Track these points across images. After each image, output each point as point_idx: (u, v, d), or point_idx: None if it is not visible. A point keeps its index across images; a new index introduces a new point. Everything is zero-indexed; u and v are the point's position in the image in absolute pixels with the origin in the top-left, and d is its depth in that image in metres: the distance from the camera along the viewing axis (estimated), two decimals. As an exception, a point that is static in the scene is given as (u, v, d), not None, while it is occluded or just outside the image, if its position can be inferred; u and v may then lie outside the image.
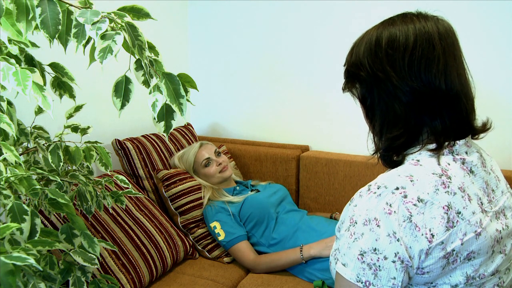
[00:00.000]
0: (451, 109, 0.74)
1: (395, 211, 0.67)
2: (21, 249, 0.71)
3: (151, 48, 0.86)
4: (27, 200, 0.87)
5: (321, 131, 2.03)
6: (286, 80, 2.07)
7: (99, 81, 1.59)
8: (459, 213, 0.69)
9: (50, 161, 0.93)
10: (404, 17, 0.77)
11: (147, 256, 1.43)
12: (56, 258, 0.87)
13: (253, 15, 2.09)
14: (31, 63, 0.92)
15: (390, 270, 0.67)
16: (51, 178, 0.87)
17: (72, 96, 1.00)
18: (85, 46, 0.82)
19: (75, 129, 1.06)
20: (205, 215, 1.68)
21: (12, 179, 0.77)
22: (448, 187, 0.70)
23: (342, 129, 1.98)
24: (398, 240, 0.67)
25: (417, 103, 0.74)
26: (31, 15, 0.74)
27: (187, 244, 1.64)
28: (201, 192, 1.72)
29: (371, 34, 0.78)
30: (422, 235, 0.66)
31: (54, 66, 0.96)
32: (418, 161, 0.74)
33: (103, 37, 0.75)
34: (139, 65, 0.82)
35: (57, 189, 0.86)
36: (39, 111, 1.00)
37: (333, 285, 1.42)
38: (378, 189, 0.70)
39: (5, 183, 0.77)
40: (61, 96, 0.99)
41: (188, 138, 2.03)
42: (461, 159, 0.75)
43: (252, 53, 2.14)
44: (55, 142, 0.97)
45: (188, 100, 0.82)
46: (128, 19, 0.79)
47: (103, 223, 1.39)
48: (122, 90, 0.82)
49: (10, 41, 0.78)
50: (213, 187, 1.75)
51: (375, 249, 0.67)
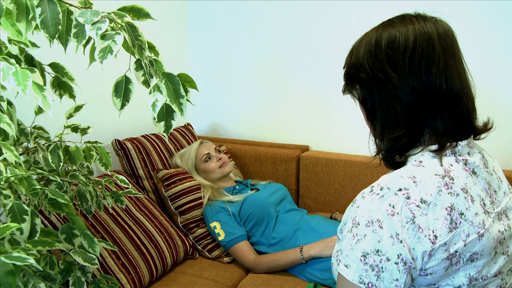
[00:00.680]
0: (452, 108, 0.74)
1: (398, 213, 0.67)
2: (21, 249, 0.71)
3: (151, 48, 0.86)
4: (27, 200, 0.87)
5: (321, 131, 2.03)
6: (286, 80, 2.07)
7: (99, 81, 1.59)
8: (462, 214, 0.68)
9: (50, 161, 0.93)
10: (403, 19, 0.77)
11: (147, 256, 1.43)
12: (56, 258, 0.87)
13: (253, 15, 2.09)
14: (31, 63, 0.92)
15: (393, 271, 0.67)
16: (51, 178, 0.87)
17: (72, 96, 1.00)
18: (85, 46, 0.82)
19: (75, 129, 1.06)
20: (205, 215, 1.68)
21: (12, 179, 0.77)
22: (451, 188, 0.69)
23: (342, 129, 1.98)
24: (401, 241, 0.66)
25: (418, 103, 0.74)
26: (31, 15, 0.74)
27: (187, 244, 1.63)
28: (201, 192, 1.72)
29: (370, 35, 0.78)
30: (425, 236, 0.66)
31: (54, 66, 0.96)
32: (420, 162, 0.74)
33: (103, 37, 0.75)
34: (139, 65, 0.81)
35: (57, 189, 0.86)
36: (39, 111, 1.00)
37: (333, 285, 1.43)
38: (381, 190, 0.70)
39: (5, 183, 0.77)
40: (61, 96, 0.99)
41: (188, 138, 2.03)
42: (463, 160, 0.75)
43: (252, 53, 2.13)
44: (55, 142, 0.97)
45: (188, 100, 0.82)
46: (128, 19, 0.79)
47: (103, 223, 1.39)
48: (122, 90, 0.81)
49: (10, 41, 0.78)
50: (213, 187, 1.75)
51: (377, 251, 0.67)
